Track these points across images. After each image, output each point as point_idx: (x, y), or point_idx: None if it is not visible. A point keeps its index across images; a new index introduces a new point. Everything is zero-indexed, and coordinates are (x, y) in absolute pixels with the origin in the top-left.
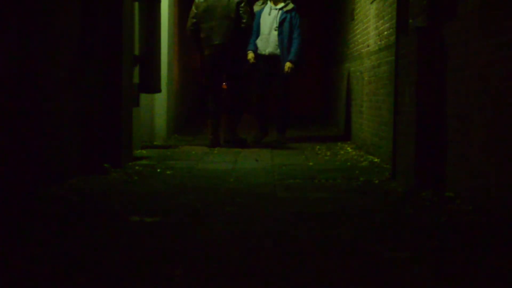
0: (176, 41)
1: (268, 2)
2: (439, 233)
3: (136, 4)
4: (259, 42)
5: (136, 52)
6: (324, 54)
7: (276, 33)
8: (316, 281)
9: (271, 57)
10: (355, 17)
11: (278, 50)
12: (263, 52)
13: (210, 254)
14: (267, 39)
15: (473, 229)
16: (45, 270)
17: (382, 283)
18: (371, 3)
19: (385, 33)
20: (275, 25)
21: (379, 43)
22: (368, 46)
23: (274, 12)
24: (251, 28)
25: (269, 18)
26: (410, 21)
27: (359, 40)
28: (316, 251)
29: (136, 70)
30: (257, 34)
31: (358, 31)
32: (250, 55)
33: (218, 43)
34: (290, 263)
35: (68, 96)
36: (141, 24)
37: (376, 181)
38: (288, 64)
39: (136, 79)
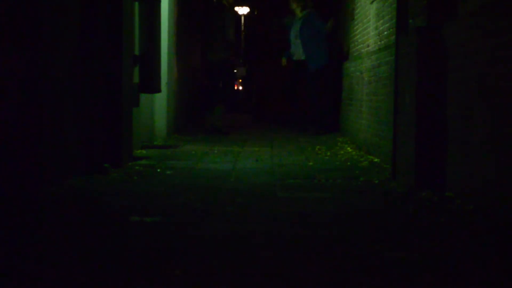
0: (176, 41)
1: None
2: (439, 233)
3: (136, 4)
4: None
5: (136, 52)
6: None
7: (299, 41)
8: (316, 281)
9: (299, 62)
10: (355, 17)
11: (303, 56)
12: (294, 58)
13: (210, 254)
14: (295, 47)
15: (473, 229)
16: (45, 269)
17: (382, 283)
18: (371, 3)
19: (385, 33)
20: (297, 33)
21: (379, 43)
22: (368, 46)
23: (297, 22)
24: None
25: (293, 28)
26: (410, 21)
27: (359, 40)
28: (316, 251)
29: (136, 70)
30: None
31: (358, 31)
32: (283, 60)
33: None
34: (290, 263)
35: (68, 96)
36: (141, 24)
37: (376, 181)
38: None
39: (136, 79)
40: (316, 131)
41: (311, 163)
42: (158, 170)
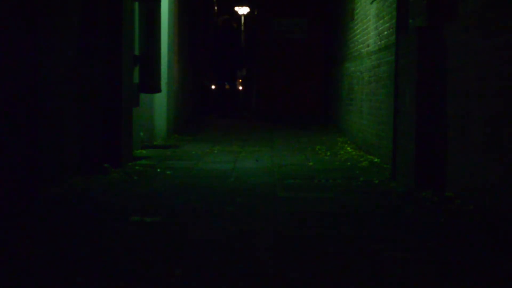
0: (176, 41)
1: None
2: (439, 233)
3: (136, 4)
4: None
5: (136, 52)
6: (324, 54)
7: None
8: (316, 281)
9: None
10: (355, 17)
11: None
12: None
13: (209, 254)
14: None
15: (473, 229)
16: (45, 270)
17: (382, 283)
18: (371, 3)
19: (385, 33)
20: None
21: (379, 43)
22: (368, 46)
23: None
24: None
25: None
26: (410, 21)
27: (359, 40)
28: (316, 251)
29: (136, 70)
30: None
31: (358, 31)
32: None
33: None
34: (290, 263)
35: (68, 96)
36: (141, 24)
37: (376, 181)
38: None
39: (136, 79)
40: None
41: (311, 163)
42: (158, 170)
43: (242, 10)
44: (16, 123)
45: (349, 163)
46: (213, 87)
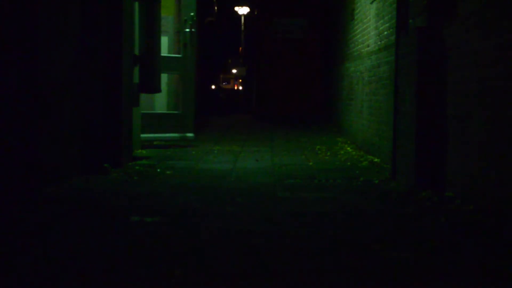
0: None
1: None
2: (439, 233)
3: (136, 4)
4: None
5: (136, 52)
6: (324, 54)
7: None
8: (316, 281)
9: None
10: (355, 17)
11: None
12: None
13: (209, 254)
14: None
15: (473, 229)
16: (46, 269)
17: (382, 283)
18: (371, 3)
19: (385, 33)
20: None
21: (379, 43)
22: (368, 46)
23: None
24: None
25: None
26: (410, 21)
27: (359, 40)
28: (316, 250)
29: (136, 70)
30: None
31: (358, 31)
32: None
33: None
34: (290, 263)
35: (68, 96)
36: (141, 24)
37: (376, 181)
38: None
39: (136, 79)
40: None
41: (311, 163)
42: (158, 170)
43: (242, 10)
44: (16, 123)
45: (349, 163)
46: (213, 87)
